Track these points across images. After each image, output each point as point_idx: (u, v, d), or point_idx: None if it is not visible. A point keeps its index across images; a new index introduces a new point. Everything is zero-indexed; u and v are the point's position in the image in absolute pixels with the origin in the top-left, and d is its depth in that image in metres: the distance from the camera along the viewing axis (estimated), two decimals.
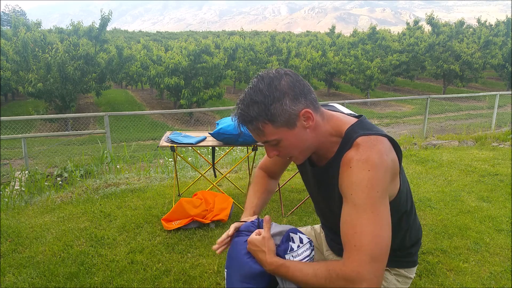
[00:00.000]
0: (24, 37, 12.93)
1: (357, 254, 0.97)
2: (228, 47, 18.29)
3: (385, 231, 1.00)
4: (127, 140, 11.30)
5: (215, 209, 3.06)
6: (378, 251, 0.97)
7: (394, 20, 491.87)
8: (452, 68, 19.27)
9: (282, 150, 1.12)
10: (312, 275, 1.03)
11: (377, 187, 0.99)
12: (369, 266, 0.96)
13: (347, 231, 1.01)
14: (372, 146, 1.03)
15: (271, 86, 1.04)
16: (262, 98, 1.03)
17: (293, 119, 1.06)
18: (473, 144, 6.19)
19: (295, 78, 1.07)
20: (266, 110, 1.03)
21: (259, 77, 1.07)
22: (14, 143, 10.60)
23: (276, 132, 1.07)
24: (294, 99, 1.05)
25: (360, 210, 0.99)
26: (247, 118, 1.06)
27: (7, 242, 2.77)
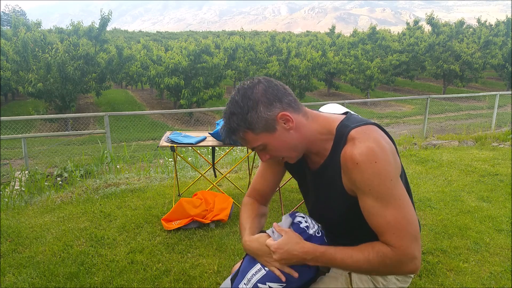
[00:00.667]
0: (24, 37, 12.93)
1: (399, 240, 1.04)
2: (228, 47, 18.29)
3: (411, 209, 1.07)
4: (127, 140, 11.30)
5: (215, 209, 3.06)
6: (414, 228, 1.05)
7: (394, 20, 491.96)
8: (452, 68, 19.27)
9: (271, 152, 1.17)
10: (364, 260, 1.08)
11: (389, 174, 1.04)
12: (414, 244, 1.05)
13: (380, 223, 1.06)
14: (368, 137, 1.07)
15: (245, 96, 1.10)
16: (239, 109, 1.10)
17: (271, 123, 1.10)
18: (473, 144, 6.19)
19: (267, 84, 1.12)
20: (244, 119, 1.10)
21: (236, 89, 1.14)
22: (14, 143, 10.60)
23: (258, 138, 1.12)
24: (268, 105, 1.10)
25: (384, 201, 1.05)
26: (230, 129, 1.13)
27: (7, 242, 2.77)
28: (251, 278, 1.19)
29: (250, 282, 1.18)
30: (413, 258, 1.04)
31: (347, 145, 1.08)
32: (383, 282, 1.26)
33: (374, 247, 1.08)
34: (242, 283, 1.20)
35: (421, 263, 1.08)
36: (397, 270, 1.08)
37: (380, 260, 1.06)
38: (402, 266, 1.06)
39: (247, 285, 1.19)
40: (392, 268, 1.07)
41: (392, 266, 1.06)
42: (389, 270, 1.09)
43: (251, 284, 1.18)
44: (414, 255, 1.04)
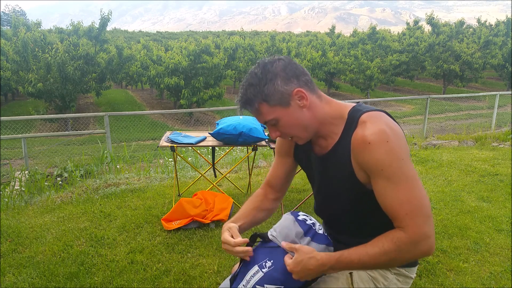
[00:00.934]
0: (24, 37, 12.93)
1: (412, 219, 1.05)
2: (228, 47, 18.29)
3: (422, 189, 1.08)
4: (127, 140, 11.29)
5: (215, 209, 3.06)
6: (426, 208, 1.07)
7: (394, 20, 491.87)
8: (452, 68, 19.26)
9: (282, 129, 1.19)
10: (381, 253, 1.07)
11: (400, 154, 1.06)
12: (427, 224, 1.06)
13: (392, 204, 1.08)
14: (378, 119, 1.10)
15: (265, 69, 1.13)
16: (257, 80, 1.13)
17: (286, 98, 1.13)
18: (473, 144, 6.19)
19: (287, 61, 1.16)
20: (260, 91, 1.12)
21: (256, 63, 1.17)
22: (14, 143, 10.59)
23: (272, 111, 1.14)
24: (285, 80, 1.13)
25: (396, 182, 1.06)
26: (245, 100, 1.15)
27: (7, 242, 2.77)
28: (250, 280, 1.19)
29: (249, 283, 1.18)
30: (427, 238, 1.05)
31: (358, 128, 1.11)
32: (383, 282, 1.25)
33: (387, 236, 1.09)
34: (241, 284, 1.20)
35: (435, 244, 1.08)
36: (414, 252, 1.07)
37: (396, 247, 1.06)
38: (418, 247, 1.06)
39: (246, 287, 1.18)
40: (408, 252, 1.07)
41: (408, 250, 1.07)
42: (406, 255, 1.08)
43: (250, 285, 1.18)
44: (427, 234, 1.05)
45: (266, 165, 5.00)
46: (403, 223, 1.07)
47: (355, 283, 1.24)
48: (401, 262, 1.11)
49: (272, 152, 5.01)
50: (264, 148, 5.52)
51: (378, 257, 1.08)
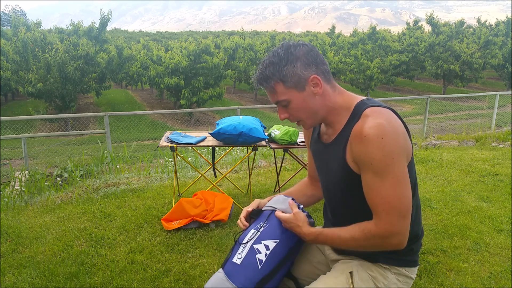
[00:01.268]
0: (24, 37, 12.93)
1: (387, 216, 1.11)
2: (228, 47, 18.29)
3: (407, 189, 1.12)
4: (127, 140, 11.29)
5: (215, 209, 3.06)
6: (404, 209, 1.11)
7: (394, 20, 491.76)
8: (452, 68, 19.26)
9: (291, 112, 1.22)
10: (350, 239, 1.18)
11: (392, 152, 1.08)
12: (399, 223, 1.11)
13: (374, 197, 1.13)
14: (380, 115, 1.12)
15: (288, 51, 1.17)
16: (277, 60, 1.16)
17: (303, 82, 1.17)
18: (473, 144, 6.19)
19: (310, 48, 1.19)
20: (279, 70, 1.16)
21: (281, 44, 1.20)
22: (14, 143, 10.59)
23: (286, 92, 1.18)
24: (305, 65, 1.16)
25: (382, 177, 1.10)
26: (262, 77, 1.19)
27: (7, 242, 2.77)
28: (247, 243, 1.27)
29: (247, 245, 1.27)
30: (395, 234, 1.12)
31: (360, 121, 1.14)
32: (384, 282, 1.26)
33: (361, 225, 1.17)
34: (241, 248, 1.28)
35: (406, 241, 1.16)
36: (381, 245, 1.16)
37: (364, 237, 1.15)
38: (385, 241, 1.14)
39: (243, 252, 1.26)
40: (376, 243, 1.15)
41: (375, 242, 1.15)
42: (374, 245, 1.17)
43: (247, 248, 1.26)
44: (397, 232, 1.11)
45: (266, 165, 5.00)
46: (377, 217, 1.13)
47: (355, 282, 1.24)
48: (371, 249, 1.22)
49: (272, 152, 5.01)
50: (264, 148, 5.52)
51: (348, 241, 1.19)
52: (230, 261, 1.28)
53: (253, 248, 1.26)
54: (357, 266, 1.27)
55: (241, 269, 1.24)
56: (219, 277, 1.25)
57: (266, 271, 1.23)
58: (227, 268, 1.26)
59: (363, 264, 1.28)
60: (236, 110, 7.50)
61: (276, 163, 4.00)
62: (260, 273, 1.23)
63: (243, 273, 1.23)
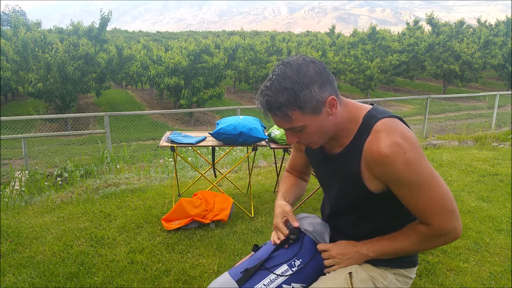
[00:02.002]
0: (24, 37, 12.93)
1: (438, 218, 1.11)
2: (228, 47, 18.28)
3: (442, 186, 1.10)
4: (127, 140, 11.29)
5: (215, 209, 3.06)
6: (449, 205, 1.10)
7: (394, 20, 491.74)
8: (452, 68, 19.27)
9: (304, 136, 1.15)
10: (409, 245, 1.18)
11: (418, 161, 1.07)
12: (452, 218, 1.11)
13: (416, 206, 1.12)
14: (393, 129, 1.09)
15: (300, 73, 1.05)
16: (291, 84, 1.05)
17: (320, 106, 1.08)
18: (473, 144, 6.19)
19: (321, 66, 1.10)
20: (295, 96, 1.05)
21: (285, 63, 1.09)
22: (14, 143, 10.60)
23: (303, 119, 1.09)
24: (321, 86, 1.07)
25: (417, 187, 1.08)
26: (275, 104, 1.07)
27: (7, 242, 2.77)
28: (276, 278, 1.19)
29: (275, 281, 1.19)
30: (451, 231, 1.12)
31: (372, 137, 1.10)
32: (383, 282, 1.25)
33: (414, 230, 1.17)
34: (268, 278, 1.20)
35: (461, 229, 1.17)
36: (440, 243, 1.17)
37: (422, 240, 1.16)
38: (442, 239, 1.15)
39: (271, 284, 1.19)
40: (434, 242, 1.16)
41: (433, 241, 1.16)
42: (432, 244, 1.17)
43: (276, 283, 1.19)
44: (453, 227, 1.12)
45: (266, 165, 5.00)
46: (429, 221, 1.12)
47: (355, 283, 1.24)
48: (429, 248, 1.21)
49: (272, 152, 5.01)
50: (264, 148, 5.52)
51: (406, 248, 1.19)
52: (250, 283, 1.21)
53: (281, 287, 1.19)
54: (356, 266, 1.27)
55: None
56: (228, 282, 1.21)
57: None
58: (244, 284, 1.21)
59: (363, 265, 1.28)
60: (236, 110, 7.51)
61: (276, 163, 4.00)
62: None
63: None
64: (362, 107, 1.19)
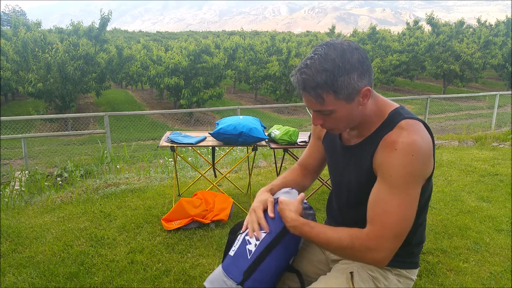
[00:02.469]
0: (24, 37, 12.93)
1: (382, 230, 1.07)
2: (228, 47, 18.28)
3: (411, 213, 1.08)
4: (127, 140, 11.30)
5: (215, 209, 3.06)
6: (402, 231, 1.08)
7: (394, 20, 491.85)
8: (452, 68, 19.27)
9: (330, 120, 1.14)
10: (336, 239, 1.13)
11: (415, 172, 1.06)
12: (390, 242, 1.07)
13: (377, 208, 1.10)
14: (416, 131, 1.08)
15: (344, 57, 1.04)
16: (332, 67, 1.04)
17: (354, 94, 1.08)
18: (473, 144, 6.19)
19: (364, 54, 1.08)
20: (333, 80, 1.04)
21: (329, 45, 1.07)
22: (14, 143, 10.59)
23: (335, 103, 1.08)
24: (361, 75, 1.06)
25: (394, 192, 1.06)
26: (311, 84, 1.05)
27: (7, 242, 2.77)
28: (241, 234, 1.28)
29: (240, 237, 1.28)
30: (383, 250, 1.07)
31: (394, 132, 1.10)
32: (384, 282, 1.25)
33: (349, 230, 1.14)
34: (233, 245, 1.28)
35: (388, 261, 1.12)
36: (364, 256, 1.10)
37: (350, 243, 1.10)
38: (369, 254, 1.09)
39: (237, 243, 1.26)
40: (359, 252, 1.10)
41: (359, 250, 1.10)
42: (357, 254, 1.11)
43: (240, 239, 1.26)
44: (383, 249, 1.07)
45: (266, 165, 5.00)
46: (373, 227, 1.09)
47: (356, 282, 1.24)
48: (350, 258, 1.17)
49: (272, 152, 5.01)
50: (264, 148, 5.52)
51: (332, 241, 1.13)
52: (227, 255, 1.27)
53: (244, 240, 1.24)
54: (357, 266, 1.27)
55: (234, 260, 1.23)
56: (216, 273, 1.25)
57: (252, 259, 1.21)
58: (225, 262, 1.26)
59: (364, 264, 1.28)
60: (236, 110, 7.51)
61: (276, 163, 4.00)
62: (248, 262, 1.20)
63: (235, 265, 1.22)
64: (390, 104, 1.19)
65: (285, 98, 17.72)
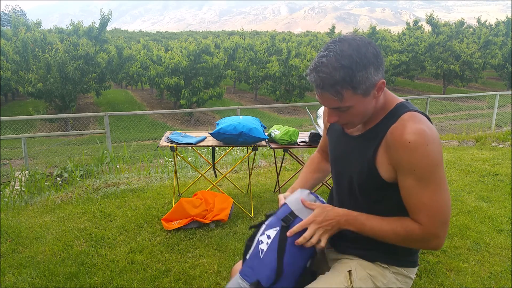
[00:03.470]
0: (24, 37, 12.93)
1: (429, 221, 1.10)
2: (228, 47, 18.28)
3: (447, 195, 1.11)
4: (127, 140, 11.30)
5: (215, 209, 3.06)
6: (446, 214, 1.11)
7: (394, 20, 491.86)
8: (452, 68, 19.26)
9: (345, 116, 1.14)
10: (391, 232, 1.15)
11: (436, 159, 1.07)
12: (442, 227, 1.11)
13: (415, 203, 1.11)
14: (419, 120, 1.09)
15: (360, 52, 1.04)
16: (350, 63, 1.03)
17: (370, 88, 1.08)
18: (473, 144, 6.19)
19: (377, 48, 1.09)
20: (352, 76, 1.04)
21: (342, 41, 1.07)
22: (14, 143, 10.60)
23: (353, 99, 1.08)
24: (376, 69, 1.07)
25: (425, 183, 1.08)
26: (330, 81, 1.05)
27: (7, 242, 2.77)
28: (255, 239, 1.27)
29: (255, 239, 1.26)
30: (437, 237, 1.11)
31: (398, 124, 1.10)
32: (382, 281, 1.25)
33: (403, 222, 1.15)
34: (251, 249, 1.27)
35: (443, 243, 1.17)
36: (421, 245, 1.15)
37: (406, 235, 1.13)
38: (425, 243, 1.13)
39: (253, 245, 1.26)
40: (415, 242, 1.14)
41: (416, 241, 1.14)
42: (413, 244, 1.16)
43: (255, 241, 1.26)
44: (438, 235, 1.11)
45: (266, 165, 5.00)
46: (420, 220, 1.11)
47: (354, 281, 1.24)
48: (407, 246, 1.19)
49: (272, 152, 5.01)
50: (264, 148, 5.52)
51: (388, 234, 1.15)
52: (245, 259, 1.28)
53: (258, 240, 1.25)
54: (355, 265, 1.27)
55: (249, 262, 1.24)
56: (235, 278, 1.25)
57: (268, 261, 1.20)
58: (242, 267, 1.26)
59: (362, 263, 1.28)
60: (236, 110, 7.51)
61: (276, 163, 4.00)
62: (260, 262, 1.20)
63: (248, 265, 1.23)
64: (396, 97, 1.21)
65: (285, 98, 17.72)
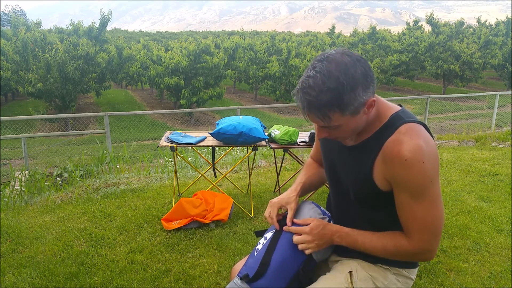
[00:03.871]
0: (24, 37, 12.93)
1: (421, 235, 1.11)
2: (228, 47, 18.28)
3: (440, 210, 1.11)
4: (127, 140, 11.30)
5: (215, 209, 3.06)
6: (437, 228, 1.11)
7: (394, 20, 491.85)
8: (452, 68, 19.26)
9: (336, 133, 1.13)
10: (381, 248, 1.18)
11: (431, 175, 1.07)
12: (432, 241, 1.12)
13: (408, 217, 1.13)
14: (417, 134, 1.08)
15: (347, 74, 1.00)
16: (336, 85, 1.00)
17: (360, 107, 1.06)
18: (473, 144, 6.19)
19: (366, 65, 1.05)
20: (339, 98, 1.01)
21: (329, 60, 1.02)
22: (14, 143, 10.60)
23: (341, 119, 1.06)
24: (366, 88, 1.04)
25: (419, 199, 1.09)
26: (316, 104, 1.02)
27: (7, 242, 2.77)
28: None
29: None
30: (428, 251, 1.13)
31: (395, 137, 1.09)
32: (383, 282, 1.25)
33: (393, 237, 1.17)
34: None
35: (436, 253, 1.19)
36: (411, 258, 1.19)
37: (396, 251, 1.16)
38: (416, 256, 1.17)
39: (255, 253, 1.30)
40: (406, 257, 1.18)
41: (406, 256, 1.17)
42: (404, 258, 1.19)
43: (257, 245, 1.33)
44: (429, 249, 1.13)
45: (266, 165, 5.00)
46: (411, 235, 1.13)
47: (355, 282, 1.24)
48: (399, 260, 1.22)
49: (272, 152, 5.01)
50: (264, 148, 5.52)
51: (378, 250, 1.19)
52: None
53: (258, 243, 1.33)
54: (356, 266, 1.27)
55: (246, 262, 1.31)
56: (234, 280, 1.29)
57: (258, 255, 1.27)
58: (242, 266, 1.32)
59: (363, 264, 1.28)
60: (236, 110, 7.51)
61: (276, 163, 4.00)
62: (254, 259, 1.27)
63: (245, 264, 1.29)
64: (391, 106, 1.17)
65: (285, 98, 17.71)
